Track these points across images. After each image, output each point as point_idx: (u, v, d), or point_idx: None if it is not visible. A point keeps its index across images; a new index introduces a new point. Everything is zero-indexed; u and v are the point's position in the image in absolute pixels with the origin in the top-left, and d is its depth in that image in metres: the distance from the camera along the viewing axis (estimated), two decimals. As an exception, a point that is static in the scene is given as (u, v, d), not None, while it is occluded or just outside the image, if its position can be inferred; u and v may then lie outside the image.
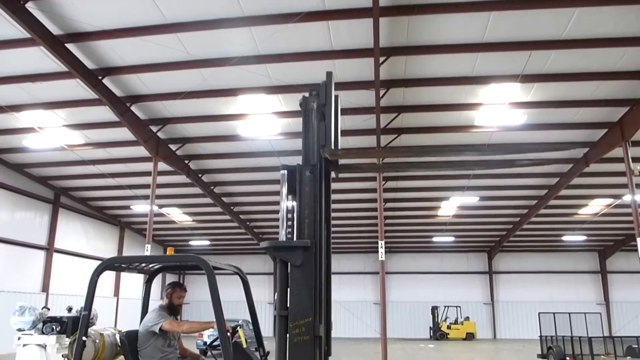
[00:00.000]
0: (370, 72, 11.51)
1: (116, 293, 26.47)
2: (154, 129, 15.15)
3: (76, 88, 12.62)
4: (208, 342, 5.12)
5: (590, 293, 30.90)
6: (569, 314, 15.69)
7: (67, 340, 8.66)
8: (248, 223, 26.23)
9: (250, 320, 5.22)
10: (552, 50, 11.01)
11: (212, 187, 20.45)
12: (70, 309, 10.66)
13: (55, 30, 10.58)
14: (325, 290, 3.70)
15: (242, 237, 28.45)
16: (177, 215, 24.61)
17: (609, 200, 20.76)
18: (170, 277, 28.41)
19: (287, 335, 3.46)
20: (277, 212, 4.56)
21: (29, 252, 20.14)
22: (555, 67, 11.65)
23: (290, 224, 3.84)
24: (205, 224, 26.53)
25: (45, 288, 20.76)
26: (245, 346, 4.89)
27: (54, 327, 10.19)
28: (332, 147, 3.78)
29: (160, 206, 22.23)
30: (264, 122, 14.49)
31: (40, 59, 11.38)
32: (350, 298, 31.25)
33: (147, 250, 14.86)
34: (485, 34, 10.57)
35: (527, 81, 12.09)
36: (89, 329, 4.58)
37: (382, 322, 14.25)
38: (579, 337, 13.43)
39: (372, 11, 9.54)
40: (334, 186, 3.94)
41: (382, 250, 14.24)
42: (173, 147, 16.56)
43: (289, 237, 3.78)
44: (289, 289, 3.56)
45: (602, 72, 11.88)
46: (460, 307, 30.55)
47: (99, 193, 22.28)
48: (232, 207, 23.33)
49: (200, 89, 12.87)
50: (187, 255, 4.59)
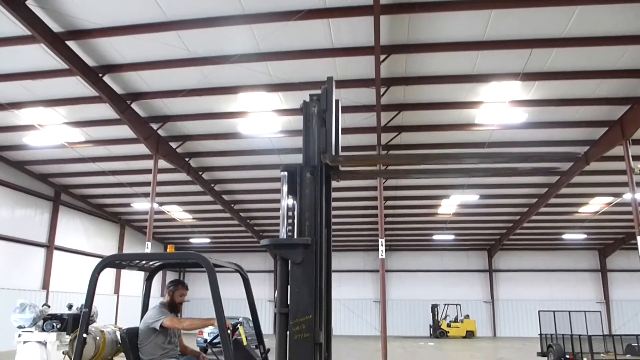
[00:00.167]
0: (370, 70, 11.50)
1: (116, 290, 26.50)
2: (155, 126, 15.15)
3: (76, 85, 12.62)
4: (208, 340, 5.11)
5: (590, 291, 30.91)
6: (569, 312, 15.69)
7: (67, 338, 8.67)
8: (248, 221, 26.25)
9: (251, 318, 5.22)
10: (553, 48, 11.00)
11: (212, 185, 20.46)
12: (70, 307, 10.67)
13: (55, 27, 10.57)
14: (326, 288, 3.71)
15: (243, 234, 28.47)
16: (178, 212, 24.63)
17: (609, 199, 20.76)
18: (170, 274, 28.46)
19: (288, 332, 3.47)
20: (277, 210, 4.56)
21: (30, 249, 20.16)
22: (556, 65, 11.64)
23: (290, 222, 3.84)
24: (206, 221, 26.54)
25: (45, 285, 20.78)
26: (245, 343, 4.89)
27: (55, 324, 10.20)
28: (333, 152, 3.78)
29: (161, 204, 22.24)
30: (264, 119, 14.49)
31: (41, 56, 11.37)
32: (351, 296, 31.28)
33: (148, 248, 14.89)
34: (486, 32, 10.56)
35: (528, 79, 12.08)
36: (90, 326, 4.59)
37: (382, 320, 14.27)
38: (579, 336, 13.44)
39: (373, 9, 9.54)
40: (334, 184, 3.94)
41: (382, 248, 14.25)
42: (173, 144, 16.56)
43: (290, 235, 3.78)
44: (289, 286, 3.57)
45: (603, 70, 11.88)
46: (460, 305, 30.58)
47: (99, 191, 22.29)
48: (232, 205, 23.34)
49: (200, 87, 12.87)
50: (187, 253, 4.59)
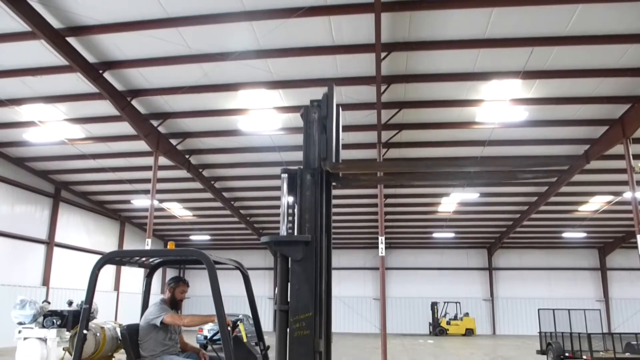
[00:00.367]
0: (371, 68, 11.48)
1: (116, 287, 26.52)
2: (155, 123, 15.14)
3: (77, 82, 12.61)
4: (208, 336, 5.12)
5: (590, 290, 30.93)
6: (569, 310, 15.67)
7: (67, 334, 8.68)
8: (248, 218, 26.26)
9: (251, 315, 5.23)
10: (554, 46, 10.98)
11: (212, 182, 20.46)
12: (70, 303, 10.67)
13: (56, 23, 10.55)
14: (326, 285, 3.72)
15: (243, 232, 28.48)
16: (178, 210, 24.63)
17: (609, 198, 20.76)
18: (170, 271, 28.50)
19: (288, 329, 3.48)
20: (277, 207, 4.56)
21: (30, 246, 20.17)
22: (557, 63, 11.62)
23: (291, 219, 3.84)
24: (206, 218, 26.55)
25: (45, 282, 20.80)
26: (245, 340, 4.90)
27: (55, 320, 10.20)
28: (334, 159, 3.78)
29: (161, 201, 22.24)
30: (264, 117, 14.47)
31: (41, 52, 11.36)
32: (350, 293, 31.30)
33: (148, 245, 14.89)
34: (487, 30, 10.54)
35: (529, 77, 12.07)
36: (90, 322, 4.59)
37: (382, 318, 14.29)
38: (578, 334, 13.44)
39: (374, 6, 9.51)
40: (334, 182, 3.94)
41: (382, 246, 14.26)
42: (174, 141, 16.55)
43: (290, 233, 3.79)
44: (289, 283, 3.58)
45: (604, 69, 11.86)
46: (459, 303, 30.60)
47: (99, 187, 22.29)
48: (232, 202, 23.34)
49: (201, 84, 12.86)
50: (188, 250, 4.58)
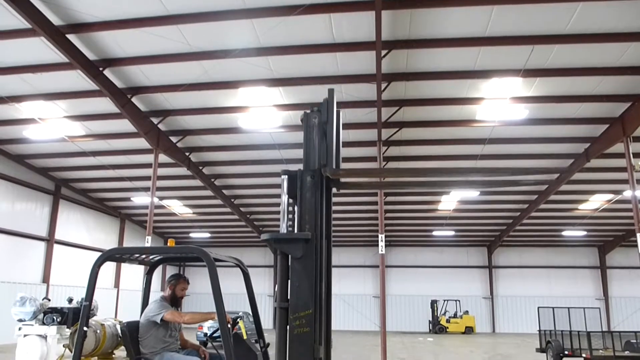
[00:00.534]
0: (371, 66, 11.48)
1: (116, 284, 26.55)
2: (155, 120, 15.14)
3: (77, 79, 12.60)
4: (208, 334, 5.13)
5: (590, 288, 30.96)
6: (568, 308, 15.66)
7: (67, 331, 8.69)
8: (248, 216, 26.26)
9: (251, 312, 5.24)
10: (554, 44, 10.96)
11: (212, 180, 20.46)
12: (70, 300, 10.68)
13: (56, 20, 10.54)
14: (326, 283, 3.72)
15: (243, 229, 28.49)
16: (178, 207, 24.64)
17: (609, 196, 20.76)
18: (170, 269, 28.50)
19: (288, 326, 3.48)
20: (277, 205, 4.57)
21: (30, 243, 20.18)
22: (557, 61, 11.61)
23: (291, 217, 3.85)
24: (206, 216, 26.56)
25: (45, 279, 20.82)
26: (245, 337, 4.90)
27: (55, 317, 10.21)
28: (334, 166, 3.78)
29: (161, 198, 22.25)
30: (264, 114, 14.47)
31: (41, 49, 11.35)
32: (350, 291, 31.34)
33: (148, 242, 14.90)
34: (488, 28, 10.52)
35: (529, 76, 12.06)
36: (90, 319, 4.60)
37: (382, 315, 14.31)
38: (578, 332, 13.43)
39: (375, 4, 9.49)
40: (334, 179, 3.94)
41: (382, 244, 14.27)
42: (174, 139, 16.55)
43: (290, 230, 3.79)
44: (289, 281, 3.58)
45: (605, 67, 11.84)
46: (459, 301, 30.63)
47: (99, 185, 22.30)
48: (232, 200, 23.35)
49: (201, 81, 12.85)
50: (188, 247, 4.59)
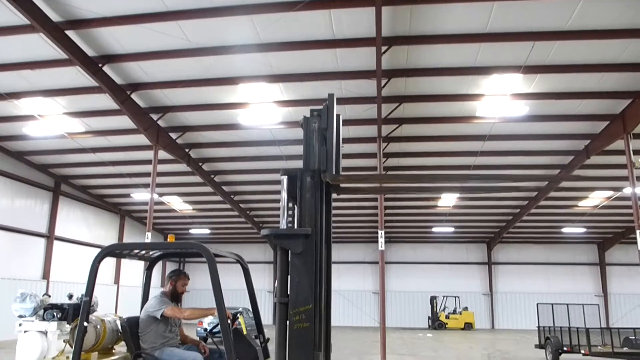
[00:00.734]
0: (372, 62, 11.45)
1: (116, 281, 26.58)
2: (155, 117, 15.11)
3: (76, 75, 12.57)
4: (208, 329, 5.14)
5: (589, 285, 31.01)
6: (567, 305, 15.68)
7: (68, 327, 8.72)
8: (248, 212, 26.27)
9: (251, 308, 5.25)
10: (555, 41, 10.94)
11: (212, 176, 20.45)
12: (71, 296, 10.69)
13: (54, 16, 10.50)
14: (326, 278, 3.73)
15: (242, 226, 28.50)
16: (178, 203, 24.64)
17: (609, 193, 20.76)
18: (170, 265, 28.53)
19: (287, 322, 3.49)
20: (277, 202, 4.57)
21: (30, 239, 20.19)
22: (558, 58, 11.58)
23: (290, 214, 3.85)
24: (206, 212, 26.56)
25: (46, 275, 20.83)
26: (245, 333, 4.91)
27: (55, 313, 10.23)
28: (334, 171, 3.78)
29: (161, 194, 22.24)
30: (264, 111, 14.45)
31: (40, 45, 11.31)
32: (350, 287, 31.38)
33: (148, 239, 14.90)
34: (488, 24, 10.50)
35: (530, 72, 12.03)
36: (90, 315, 4.61)
37: (381, 311, 14.33)
38: (577, 328, 13.47)
39: (375, 0, 9.47)
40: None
41: (381, 240, 14.28)
42: (173, 135, 16.53)
43: (290, 227, 3.80)
44: (289, 276, 3.58)
45: (606, 63, 11.82)
46: (459, 297, 30.69)
47: (99, 181, 22.28)
48: (232, 196, 23.35)
49: (201, 77, 12.83)
50: (188, 243, 4.60)
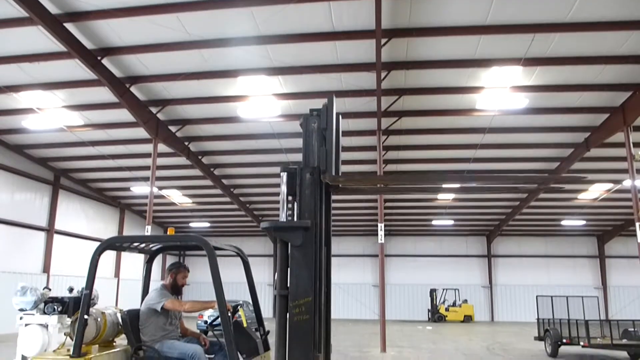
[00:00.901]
0: (371, 54, 11.42)
1: (117, 274, 26.64)
2: (154, 110, 15.08)
3: (75, 68, 12.53)
4: (209, 322, 5.15)
5: (588, 277, 31.09)
6: (567, 297, 15.70)
7: (68, 320, 8.73)
8: (248, 205, 26.29)
9: (251, 301, 5.26)
10: (555, 33, 10.90)
11: (212, 169, 20.44)
12: (71, 290, 10.71)
13: (53, 9, 10.45)
14: (326, 271, 3.73)
15: (242, 219, 28.53)
16: (177, 197, 24.65)
17: (609, 185, 20.76)
18: (170, 258, 28.58)
19: (287, 314, 3.50)
20: (276, 195, 4.58)
21: (30, 233, 20.21)
22: (558, 50, 11.55)
23: (290, 207, 3.84)
24: (206, 205, 26.58)
25: (46, 269, 20.88)
26: (245, 325, 4.93)
27: (56, 307, 10.25)
28: (333, 172, 3.77)
29: (160, 188, 22.24)
30: (264, 103, 14.42)
31: (39, 38, 11.27)
32: (350, 280, 31.46)
33: (148, 232, 14.93)
34: (488, 17, 10.45)
35: (530, 64, 12.00)
36: (91, 308, 4.62)
37: (381, 304, 14.38)
38: (576, 320, 13.49)
39: (374, -8, 9.44)
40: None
41: (381, 233, 14.31)
42: (173, 128, 16.50)
43: (290, 220, 3.80)
44: (289, 269, 3.59)
45: (606, 56, 11.79)
46: (458, 289, 30.78)
47: (98, 174, 22.28)
48: (232, 189, 23.35)
49: (200, 70, 12.79)
50: (188, 235, 4.61)
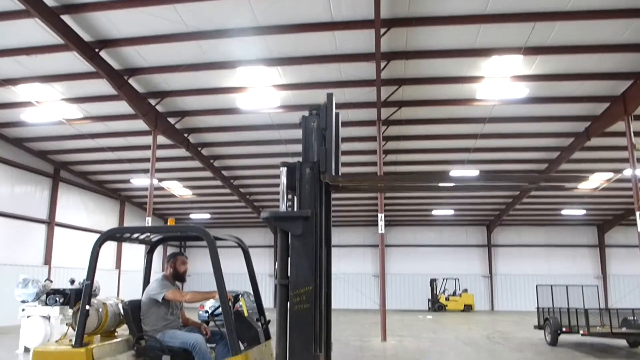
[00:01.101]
0: (371, 44, 11.37)
1: (118, 266, 26.74)
2: (153, 102, 15.04)
3: (73, 61, 12.47)
4: (210, 312, 5.18)
5: (588, 266, 31.18)
6: (566, 286, 15.73)
7: (70, 311, 8.75)
8: (248, 196, 26.32)
9: (252, 291, 5.28)
10: (556, 21, 10.84)
11: (211, 161, 20.44)
12: (72, 281, 10.77)
13: (49, 1, 10.39)
14: (326, 260, 3.74)
15: (242, 210, 28.58)
16: (177, 188, 24.66)
17: (609, 175, 20.76)
18: (171, 249, 28.67)
19: (288, 303, 3.52)
20: (276, 186, 4.58)
21: (31, 226, 20.25)
22: (558, 39, 11.49)
23: (290, 198, 3.85)
24: (206, 197, 26.61)
25: (47, 261, 20.94)
26: (246, 315, 4.95)
27: (57, 298, 10.31)
28: (333, 172, 3.76)
29: (160, 180, 22.25)
30: (263, 95, 14.38)
31: (36, 31, 11.20)
32: (350, 270, 31.57)
33: (148, 224, 14.96)
34: (488, 5, 10.39)
35: (530, 54, 11.94)
36: (92, 299, 4.64)
37: (382, 294, 14.44)
38: (576, 309, 13.54)
39: (373, -19, 9.38)
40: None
41: (381, 223, 14.33)
42: (172, 120, 16.47)
43: (290, 210, 3.80)
44: (289, 258, 3.60)
45: (607, 44, 11.73)
46: (458, 279, 30.90)
47: (98, 167, 22.28)
48: (231, 181, 23.37)
49: (198, 62, 12.74)
50: (188, 226, 4.62)
